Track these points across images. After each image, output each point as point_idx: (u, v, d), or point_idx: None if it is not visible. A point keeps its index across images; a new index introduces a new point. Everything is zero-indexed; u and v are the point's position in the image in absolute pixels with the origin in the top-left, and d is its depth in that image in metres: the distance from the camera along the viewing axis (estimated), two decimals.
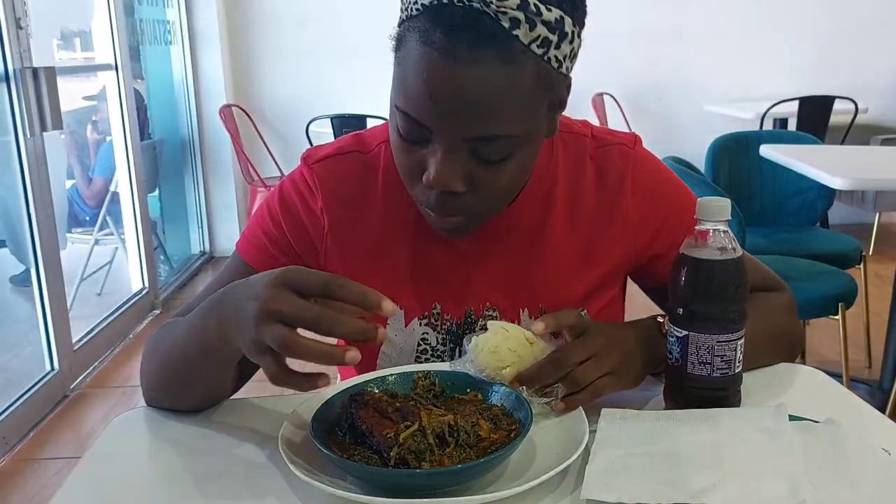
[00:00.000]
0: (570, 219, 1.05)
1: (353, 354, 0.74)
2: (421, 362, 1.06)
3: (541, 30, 0.81)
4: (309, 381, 0.76)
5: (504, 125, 0.85)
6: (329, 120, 4.60)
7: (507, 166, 0.88)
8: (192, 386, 0.95)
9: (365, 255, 1.05)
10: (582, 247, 1.05)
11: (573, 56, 0.87)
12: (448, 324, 1.06)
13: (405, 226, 1.04)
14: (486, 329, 0.91)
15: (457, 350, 1.06)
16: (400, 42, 0.86)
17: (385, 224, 1.05)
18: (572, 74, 0.91)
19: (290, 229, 1.05)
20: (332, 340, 0.80)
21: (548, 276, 1.05)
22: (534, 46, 0.82)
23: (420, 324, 1.06)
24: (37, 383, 2.98)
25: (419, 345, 1.07)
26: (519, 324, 1.05)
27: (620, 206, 1.05)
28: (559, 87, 0.88)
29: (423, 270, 1.05)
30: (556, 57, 0.84)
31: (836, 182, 2.48)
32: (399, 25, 0.87)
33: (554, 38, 0.82)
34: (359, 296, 0.76)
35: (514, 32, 0.80)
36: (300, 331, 0.76)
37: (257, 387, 1.16)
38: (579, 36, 0.86)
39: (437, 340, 1.07)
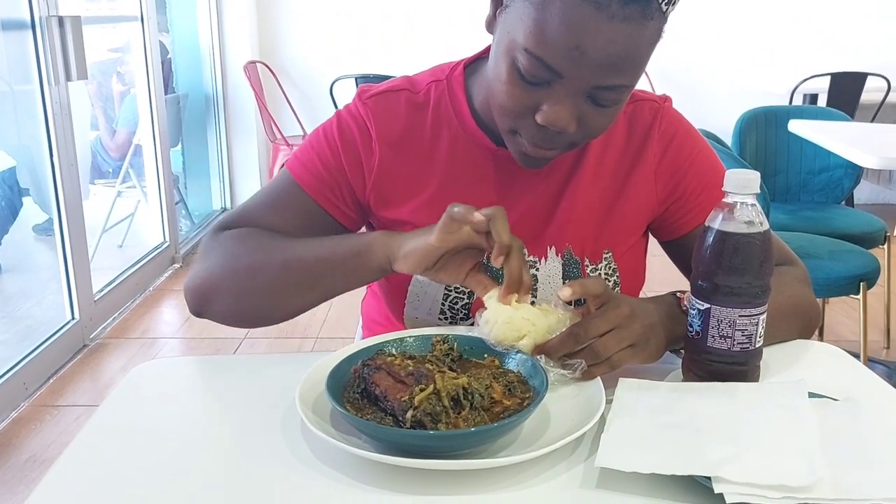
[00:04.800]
0: (598, 164, 1.09)
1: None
2: (449, 292, 1.08)
3: None
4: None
5: (630, 76, 0.89)
6: (353, 80, 4.57)
7: (613, 110, 0.93)
8: (315, 289, 1.00)
9: (404, 187, 1.08)
10: (608, 192, 1.09)
11: None
12: None
13: (446, 162, 1.07)
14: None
15: None
16: None
17: (430, 158, 1.08)
18: None
19: (346, 156, 1.07)
20: None
21: (574, 215, 1.08)
22: (663, 4, 0.85)
23: None
24: (57, 332, 3.02)
25: None
26: (546, 260, 1.08)
27: (646, 153, 1.09)
28: None
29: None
30: (668, 14, 0.88)
31: (865, 160, 2.44)
32: None
33: None
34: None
35: None
36: None
37: (276, 343, 1.16)
38: None
39: None
